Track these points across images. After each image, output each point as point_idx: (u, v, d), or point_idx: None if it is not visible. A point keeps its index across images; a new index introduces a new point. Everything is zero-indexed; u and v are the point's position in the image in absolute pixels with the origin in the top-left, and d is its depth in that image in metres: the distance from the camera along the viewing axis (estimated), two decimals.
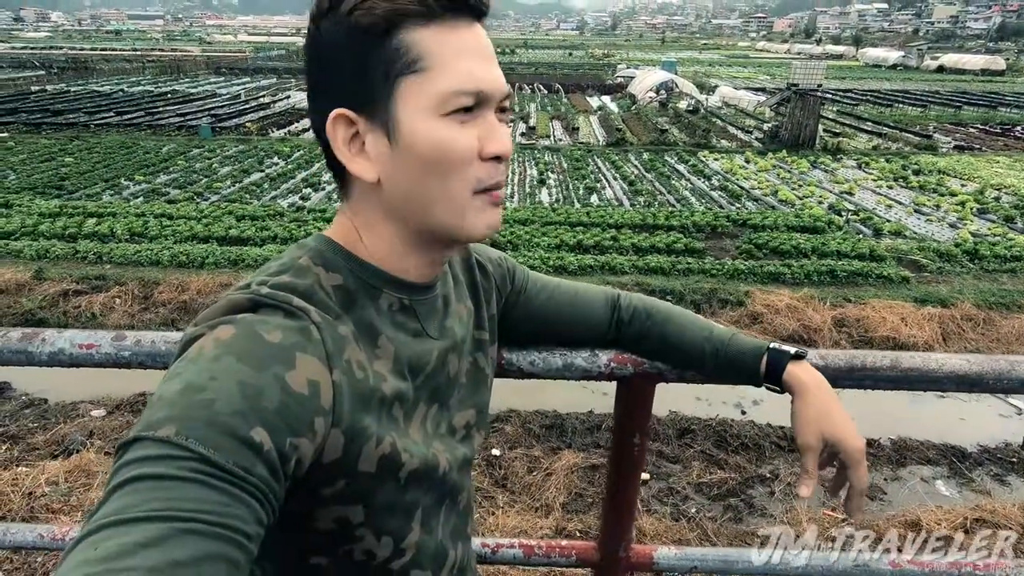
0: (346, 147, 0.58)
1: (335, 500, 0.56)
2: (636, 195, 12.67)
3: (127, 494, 0.41)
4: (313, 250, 0.60)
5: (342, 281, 0.59)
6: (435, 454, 0.64)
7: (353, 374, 0.55)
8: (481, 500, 4.62)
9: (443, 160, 0.56)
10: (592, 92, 32.25)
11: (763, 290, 7.77)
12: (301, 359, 0.50)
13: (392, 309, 0.62)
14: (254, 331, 0.50)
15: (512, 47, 75.63)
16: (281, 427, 0.47)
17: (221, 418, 0.45)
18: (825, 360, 0.70)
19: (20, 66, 37.87)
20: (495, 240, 9.06)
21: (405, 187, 0.58)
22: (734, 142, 18.92)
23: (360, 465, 0.56)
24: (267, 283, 0.55)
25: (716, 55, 70.73)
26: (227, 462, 0.44)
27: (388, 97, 0.55)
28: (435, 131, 0.55)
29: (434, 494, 0.65)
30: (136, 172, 13.56)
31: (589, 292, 0.85)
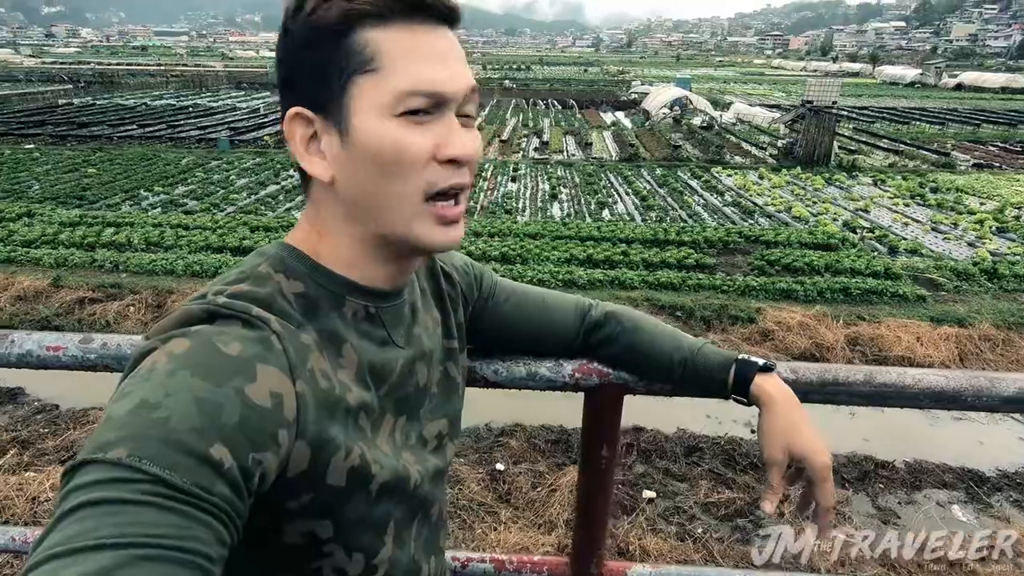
0: (303, 146, 0.57)
1: (302, 514, 0.54)
2: (648, 210, 12.64)
3: (76, 521, 0.39)
4: (273, 257, 0.59)
5: (304, 289, 0.57)
6: (406, 466, 0.62)
7: (317, 384, 0.53)
8: (484, 515, 4.56)
9: (393, 161, 0.55)
10: (606, 108, 32.40)
11: (775, 307, 7.67)
12: (262, 371, 0.49)
13: (357, 317, 0.60)
14: (211, 343, 0.48)
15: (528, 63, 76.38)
16: (243, 442, 0.46)
17: (177, 436, 0.43)
18: (796, 374, 0.68)
19: (49, 80, 39.02)
20: (504, 254, 9.09)
21: (356, 188, 0.57)
22: (748, 158, 18.85)
23: (328, 478, 0.54)
24: (224, 292, 0.54)
25: (731, 72, 70.82)
26: (184, 482, 0.42)
27: (342, 96, 0.55)
28: (386, 131, 0.54)
29: (405, 507, 0.63)
30: (155, 183, 13.83)
31: (559, 300, 0.83)
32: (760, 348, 7.01)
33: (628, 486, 4.95)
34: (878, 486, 5.13)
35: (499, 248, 9.26)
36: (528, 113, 29.72)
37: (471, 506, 4.67)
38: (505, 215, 11.94)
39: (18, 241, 9.46)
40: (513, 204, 12.94)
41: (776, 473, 0.71)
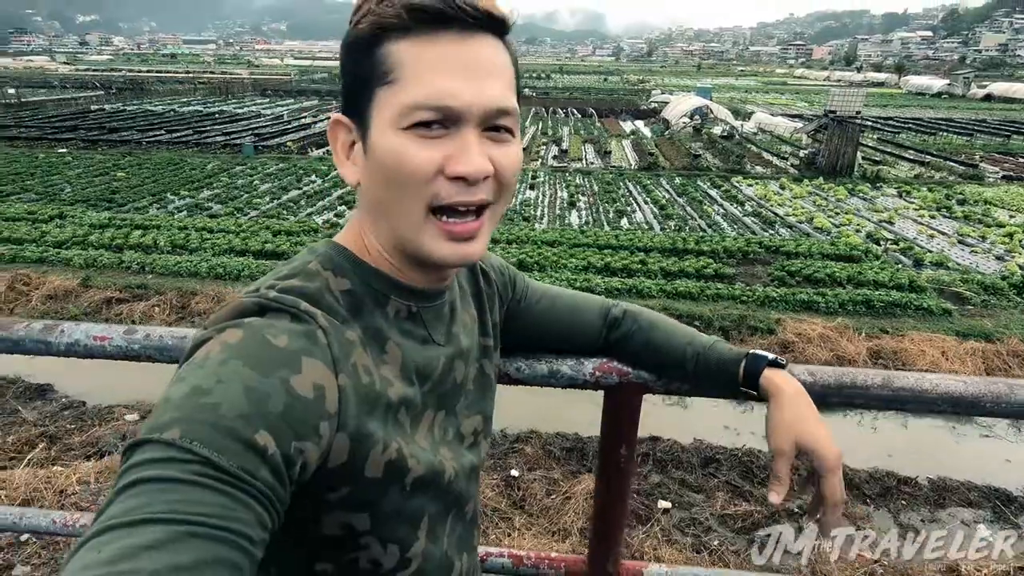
0: (343, 151, 0.60)
1: (340, 506, 0.56)
2: (667, 219, 12.59)
3: (132, 496, 0.41)
4: (323, 255, 0.61)
5: (350, 286, 0.59)
6: (442, 461, 0.64)
7: (359, 379, 0.55)
8: (498, 521, 4.56)
9: (398, 173, 0.56)
10: (626, 117, 32.38)
11: (795, 318, 7.57)
12: (307, 363, 0.51)
13: (399, 316, 0.62)
14: (261, 335, 0.50)
15: (548, 72, 76.71)
16: (286, 431, 0.47)
17: (226, 421, 0.45)
18: (814, 376, 0.69)
19: (82, 87, 40.22)
20: (521, 261, 9.11)
21: (372, 194, 0.59)
22: (769, 168, 18.68)
23: (367, 470, 0.55)
24: (276, 287, 0.56)
25: (752, 82, 70.34)
26: (231, 465, 0.44)
27: (367, 105, 0.57)
28: (393, 143, 0.55)
29: (440, 502, 0.65)
30: (182, 187, 14.15)
31: (586, 301, 0.86)
32: None
33: (643, 496, 4.91)
34: (900, 502, 5.02)
35: (516, 255, 9.29)
36: (547, 121, 29.83)
37: (485, 511, 4.67)
38: (523, 222, 11.97)
39: (50, 242, 9.73)
40: (531, 211, 12.97)
41: (783, 463, 0.71)
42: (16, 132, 21.19)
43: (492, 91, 0.56)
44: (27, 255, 9.14)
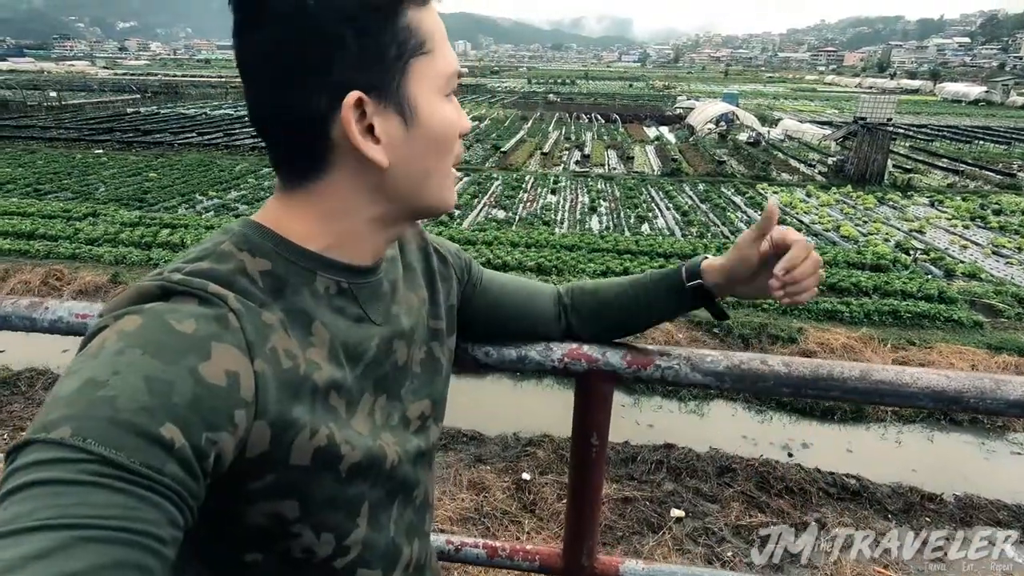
0: (361, 134, 0.54)
1: (265, 495, 0.52)
2: (689, 226, 12.46)
3: (16, 503, 0.38)
4: (237, 235, 0.56)
5: (271, 266, 0.55)
6: (382, 446, 0.61)
7: (279, 363, 0.52)
8: (507, 524, 4.54)
9: (447, 139, 0.59)
10: (650, 122, 32.18)
11: (818, 328, 7.41)
12: (217, 349, 0.47)
13: (329, 292, 0.59)
14: (163, 321, 0.47)
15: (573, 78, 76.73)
16: (195, 422, 0.44)
17: (124, 415, 0.41)
18: (789, 368, 0.67)
19: (120, 90, 41.55)
20: (540, 265, 9.10)
21: (411, 168, 0.58)
22: (795, 175, 18.36)
23: (292, 458, 0.52)
24: (182, 270, 0.52)
25: (781, 88, 69.34)
26: (132, 462, 0.40)
27: (401, 78, 0.55)
28: (444, 111, 0.58)
29: (381, 488, 0.62)
30: (211, 188, 14.50)
31: (538, 286, 0.86)
32: None
33: (656, 503, 4.84)
34: (924, 519, 4.86)
35: (535, 259, 9.28)
36: (571, 127, 29.81)
37: (495, 514, 4.66)
38: (543, 226, 11.96)
39: (83, 239, 10.05)
40: (551, 216, 12.96)
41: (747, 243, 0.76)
42: (56, 133, 21.97)
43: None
44: (61, 251, 9.45)
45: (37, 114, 27.84)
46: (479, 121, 30.15)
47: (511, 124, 29.56)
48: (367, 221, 0.59)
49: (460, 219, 12.41)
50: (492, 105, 38.86)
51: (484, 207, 13.67)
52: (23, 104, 30.22)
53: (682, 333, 7.32)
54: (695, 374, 0.69)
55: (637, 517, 4.70)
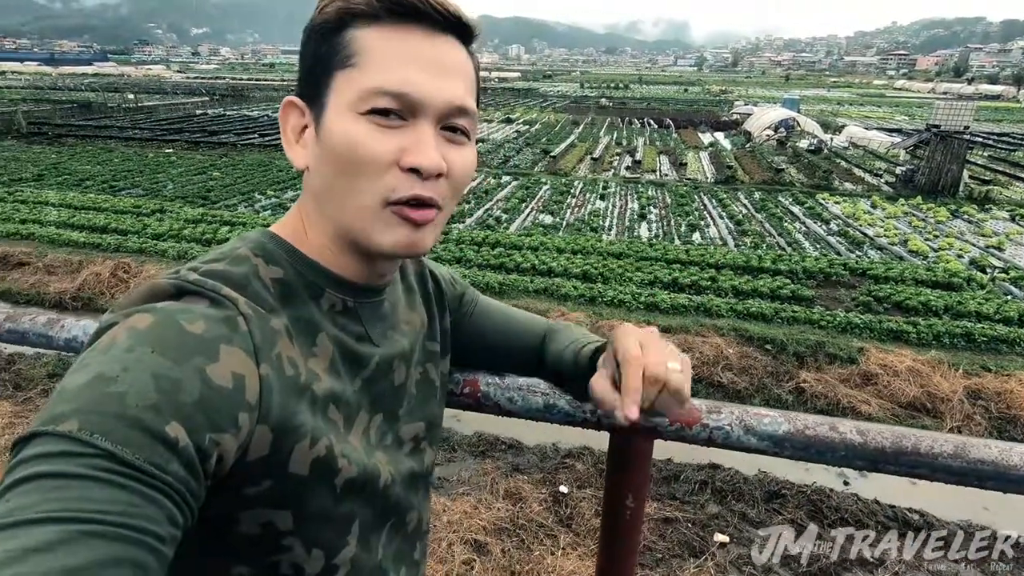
0: (292, 133, 0.58)
1: (261, 502, 0.52)
2: (742, 235, 12.02)
3: (21, 494, 0.38)
4: (254, 242, 0.58)
5: (282, 275, 0.57)
6: (376, 464, 0.60)
7: (283, 370, 0.52)
8: (543, 537, 4.45)
9: (352, 160, 0.54)
10: (705, 128, 31.38)
11: (880, 348, 6.97)
12: (225, 351, 0.48)
13: (334, 310, 0.60)
14: (174, 320, 0.47)
15: (626, 82, 75.86)
16: (200, 422, 0.44)
17: (132, 412, 0.42)
18: (865, 437, 0.56)
19: (191, 93, 43.85)
20: (586, 272, 8.96)
21: (322, 182, 0.57)
22: (860, 185, 17.47)
23: (291, 466, 0.52)
24: (198, 270, 0.53)
25: (846, 94, 66.37)
26: (137, 458, 0.41)
27: (324, 89, 0.55)
28: (349, 128, 0.54)
29: (374, 509, 0.61)
30: (269, 187, 15.03)
31: (530, 321, 0.83)
32: (861, 392, 6.39)
33: (698, 526, 4.64)
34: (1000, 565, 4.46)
35: (580, 266, 9.14)
36: (622, 132, 29.41)
37: (530, 526, 4.57)
38: (590, 233, 11.80)
39: (150, 234, 10.59)
40: (599, 222, 12.77)
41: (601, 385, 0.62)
42: (131, 133, 23.34)
43: (454, 89, 0.56)
44: (129, 245, 9.99)
45: (116, 115, 29.66)
46: (529, 125, 30.15)
47: (561, 128, 29.42)
48: (330, 236, 0.59)
49: (507, 224, 12.40)
50: (543, 109, 38.81)
51: (531, 212, 13.61)
52: (104, 105, 32.29)
53: (732, 348, 7.04)
54: (749, 437, 0.60)
55: (678, 539, 4.52)
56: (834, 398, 6.28)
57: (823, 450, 0.57)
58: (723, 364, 6.75)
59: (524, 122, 31.59)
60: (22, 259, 9.45)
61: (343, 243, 0.59)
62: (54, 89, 43.28)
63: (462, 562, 3.87)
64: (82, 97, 35.73)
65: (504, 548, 4.21)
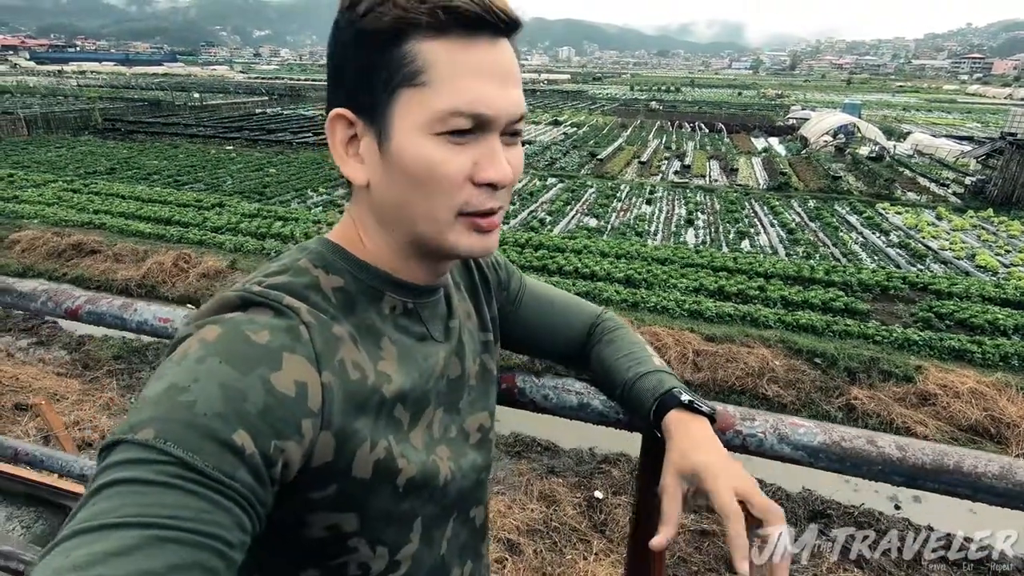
0: (343, 147, 0.57)
1: (327, 506, 0.54)
2: (794, 244, 11.63)
3: (104, 499, 0.40)
4: (314, 252, 0.59)
5: (343, 284, 0.58)
6: (435, 461, 0.61)
7: (347, 375, 0.53)
8: (576, 542, 4.44)
9: (428, 180, 0.54)
10: (758, 133, 30.51)
11: (941, 367, 6.62)
12: (288, 360, 0.49)
13: (395, 312, 0.61)
14: (240, 331, 0.49)
15: (678, 85, 74.51)
16: (265, 430, 0.46)
17: (201, 420, 0.43)
18: (904, 452, 0.55)
19: (251, 92, 45.70)
20: (629, 277, 8.85)
21: (391, 198, 0.57)
22: (924, 195, 16.62)
23: (354, 470, 0.53)
24: (262, 283, 0.54)
25: (913, 99, 63.18)
26: (207, 466, 0.42)
27: (386, 105, 0.54)
28: (424, 149, 0.53)
29: (436, 504, 0.62)
30: (321, 185, 15.51)
31: (579, 307, 0.82)
32: (917, 412, 6.09)
33: None
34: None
35: (624, 271, 9.05)
36: (672, 135, 28.93)
37: (563, 529, 4.56)
38: (635, 237, 11.66)
39: (209, 227, 11.11)
40: (645, 227, 12.61)
41: (667, 500, 0.62)
42: (196, 130, 24.52)
43: (518, 97, 0.56)
44: (190, 237, 10.51)
45: (182, 113, 31.22)
46: (577, 128, 30.02)
47: (610, 131, 29.17)
48: (392, 245, 0.60)
49: (551, 226, 12.39)
50: (592, 112, 38.56)
51: (576, 215, 13.56)
52: (172, 104, 34.06)
53: (779, 361, 6.82)
54: (783, 446, 0.60)
55: (715, 553, 4.42)
56: (887, 417, 6.00)
57: (859, 463, 0.56)
58: (769, 376, 6.55)
59: (572, 124, 31.49)
60: (94, 247, 10.08)
61: (411, 251, 0.60)
62: (128, 88, 45.91)
63: (495, 560, 3.90)
64: (152, 96, 37.77)
65: (536, 549, 4.21)
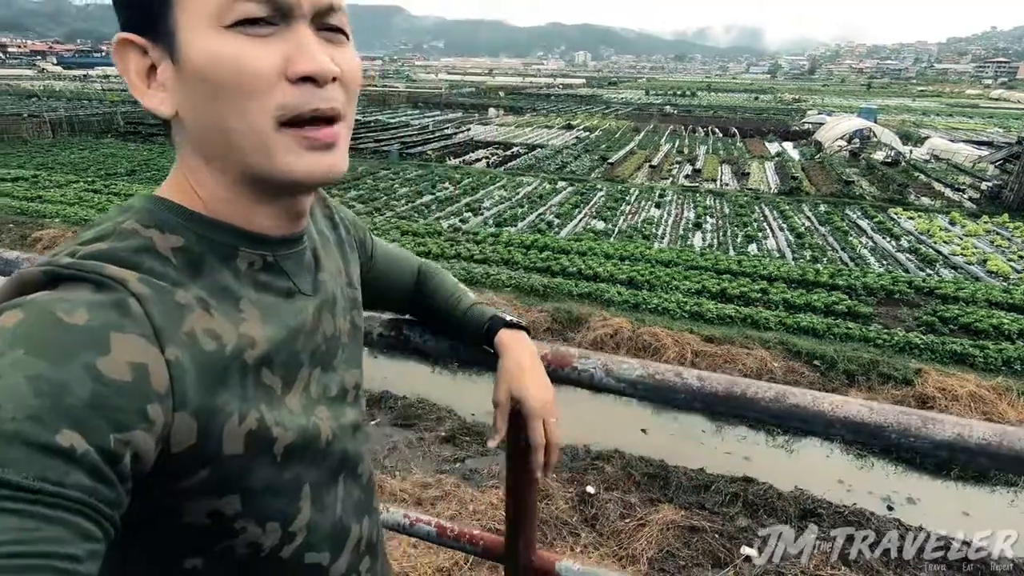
0: (140, 80, 0.50)
1: (203, 492, 0.48)
2: (802, 248, 11.61)
3: None
4: (141, 211, 0.51)
5: (184, 242, 0.50)
6: (316, 423, 0.57)
7: (199, 346, 0.47)
8: (565, 535, 4.53)
9: (230, 80, 0.47)
10: (772, 138, 30.35)
11: (941, 371, 6.60)
12: (117, 340, 0.42)
13: (254, 268, 0.54)
14: (49, 312, 0.41)
15: (693, 90, 74.24)
16: (98, 424, 0.39)
17: (8, 427, 0.36)
18: (703, 382, 0.65)
19: None
20: (631, 279, 8.92)
21: (199, 118, 0.50)
22: (938, 200, 16.45)
23: (225, 448, 0.48)
24: (76, 253, 0.46)
25: (934, 103, 62.29)
26: (25, 478, 0.36)
27: (166, 12, 0.47)
28: (217, 45, 0.47)
29: (321, 468, 0.58)
30: (332, 187, 15.78)
31: (406, 258, 0.88)
32: None
33: (725, 538, 4.58)
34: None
35: (627, 272, 9.13)
36: (684, 140, 28.90)
37: (555, 523, 4.65)
38: (642, 240, 11.72)
39: None
40: (652, 230, 12.66)
41: (499, 414, 0.76)
42: None
43: None
44: None
45: None
46: (589, 132, 30.10)
47: (622, 136, 29.22)
48: (228, 184, 0.53)
49: (559, 228, 12.49)
50: (605, 116, 38.63)
51: (584, 218, 13.65)
52: None
53: (778, 362, 6.85)
54: (609, 379, 0.70)
55: (703, 548, 4.48)
56: None
57: (668, 393, 0.66)
58: (767, 378, 6.58)
59: (584, 128, 31.59)
60: None
61: (247, 187, 0.52)
62: None
63: None
64: None
65: None
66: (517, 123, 33.45)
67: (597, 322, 7.43)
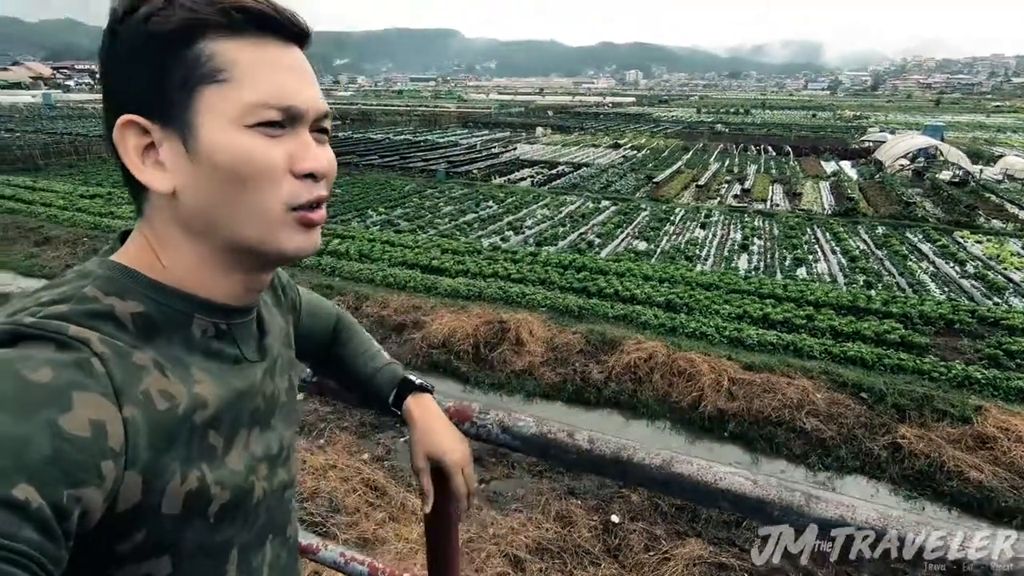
0: (137, 156, 0.54)
1: (135, 556, 0.49)
2: (855, 273, 11.09)
3: None
4: (101, 278, 0.53)
5: (143, 309, 0.53)
6: (252, 481, 0.59)
7: (152, 406, 0.49)
8: (587, 564, 4.44)
9: (250, 173, 0.54)
10: (829, 157, 29.28)
11: (1005, 409, 6.13)
12: (80, 398, 0.44)
13: (207, 336, 0.58)
14: (13, 370, 0.43)
15: (747, 107, 72.63)
16: (54, 479, 0.40)
17: None
18: (592, 445, 0.64)
19: None
20: (669, 301, 8.73)
21: (207, 200, 0.55)
22: (1011, 223, 15.40)
23: (164, 506, 0.49)
24: (36, 313, 0.48)
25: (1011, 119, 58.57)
26: None
27: (186, 106, 0.53)
28: (238, 143, 0.53)
29: (252, 529, 0.60)
30: (380, 205, 16.25)
31: (322, 307, 0.90)
32: (972, 456, 5.66)
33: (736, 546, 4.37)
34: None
35: (665, 294, 8.95)
36: (734, 158, 28.25)
37: (576, 551, 4.57)
38: (684, 262, 11.48)
39: None
40: (696, 251, 12.39)
41: (423, 478, 0.81)
42: None
43: (320, 95, 0.60)
44: None
45: None
46: (637, 151, 29.88)
47: (671, 155, 28.85)
48: (202, 259, 0.57)
49: (600, 248, 12.41)
50: (654, 135, 38.27)
51: (627, 238, 13.50)
52: None
53: (821, 393, 6.53)
54: (505, 436, 0.70)
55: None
56: (938, 459, 5.62)
57: (560, 452, 0.66)
58: (808, 409, 6.29)
59: (632, 147, 31.38)
60: None
61: (228, 262, 0.57)
62: None
63: (496, 574, 3.96)
64: None
65: (543, 568, 4.24)
66: (564, 142, 33.56)
67: (631, 345, 7.30)
